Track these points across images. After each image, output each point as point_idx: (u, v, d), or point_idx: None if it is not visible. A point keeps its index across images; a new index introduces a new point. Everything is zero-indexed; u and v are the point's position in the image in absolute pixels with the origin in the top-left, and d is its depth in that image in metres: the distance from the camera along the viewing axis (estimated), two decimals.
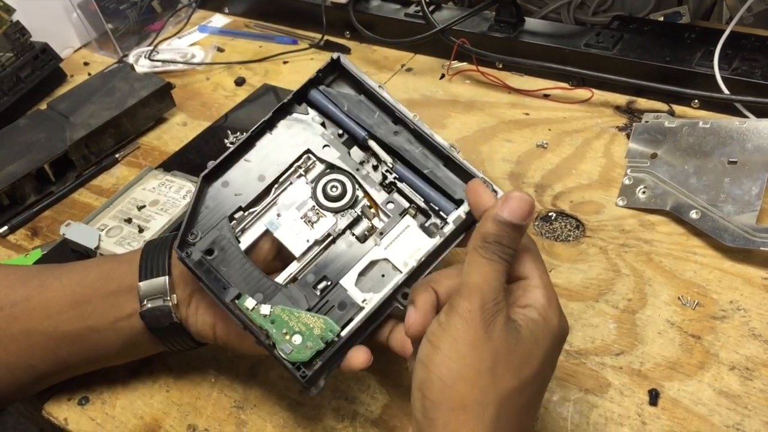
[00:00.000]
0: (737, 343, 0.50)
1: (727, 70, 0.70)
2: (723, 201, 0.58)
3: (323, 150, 0.48)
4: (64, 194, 0.74)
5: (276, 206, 0.47)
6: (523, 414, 0.37)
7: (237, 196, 0.47)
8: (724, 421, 0.45)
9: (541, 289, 0.39)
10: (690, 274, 0.55)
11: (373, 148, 0.47)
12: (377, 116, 0.48)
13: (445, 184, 0.46)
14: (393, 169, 0.47)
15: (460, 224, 0.45)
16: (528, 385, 0.36)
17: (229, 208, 0.47)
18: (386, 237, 0.46)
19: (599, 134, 0.71)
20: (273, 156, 0.48)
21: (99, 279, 0.48)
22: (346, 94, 0.49)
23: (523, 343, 0.37)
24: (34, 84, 0.89)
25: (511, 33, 0.82)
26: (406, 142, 0.47)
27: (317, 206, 0.47)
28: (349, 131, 0.48)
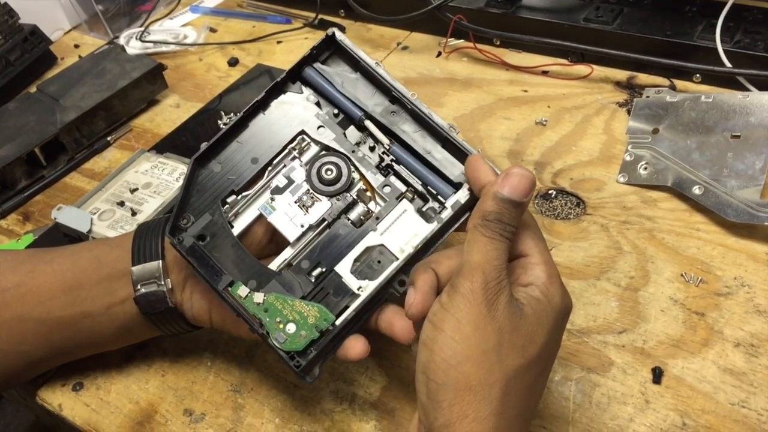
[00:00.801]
0: (742, 319, 0.49)
1: (729, 43, 0.69)
2: (726, 176, 0.57)
3: (318, 131, 0.46)
4: (56, 178, 0.73)
5: (269, 189, 0.46)
6: (529, 392, 0.36)
7: (229, 179, 0.46)
8: (729, 398, 0.45)
9: (542, 266, 0.38)
10: (693, 250, 0.54)
11: (370, 129, 0.46)
12: (374, 95, 0.46)
13: (443, 166, 0.45)
14: (390, 151, 0.46)
15: (459, 209, 0.44)
16: (533, 364, 0.36)
17: (222, 192, 0.45)
18: (382, 222, 0.45)
19: (599, 110, 0.70)
20: (266, 137, 0.46)
21: (91, 264, 0.47)
22: (342, 72, 0.47)
23: (526, 321, 0.36)
24: (23, 67, 0.87)
25: (508, 8, 0.81)
26: (403, 122, 0.46)
27: (312, 190, 0.46)
28: (345, 111, 0.47)
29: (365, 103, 0.46)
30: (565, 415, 0.45)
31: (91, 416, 0.50)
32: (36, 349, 0.48)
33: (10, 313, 0.47)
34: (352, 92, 0.47)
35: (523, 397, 0.36)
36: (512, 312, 0.35)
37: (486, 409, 0.34)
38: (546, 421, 0.45)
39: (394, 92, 0.45)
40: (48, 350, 0.48)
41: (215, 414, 0.49)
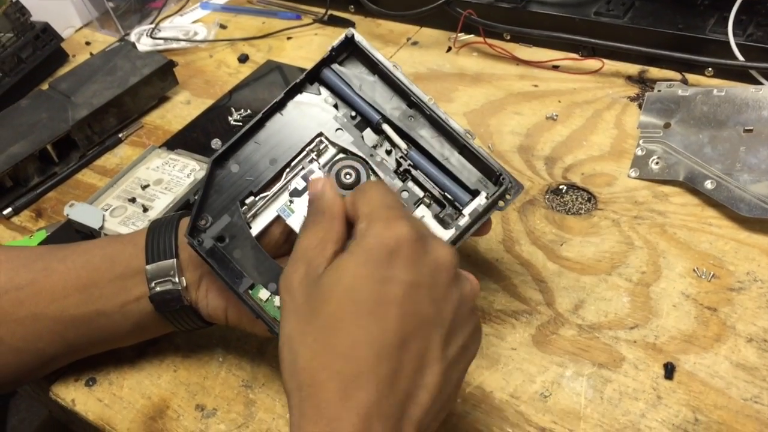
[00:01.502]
0: (754, 314, 0.49)
1: (742, 37, 0.68)
2: (739, 170, 0.56)
3: (336, 133, 0.46)
4: (68, 175, 0.73)
5: (287, 191, 0.46)
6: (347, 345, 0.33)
7: (248, 179, 0.45)
8: (742, 394, 0.44)
9: (361, 223, 0.37)
10: (705, 245, 0.54)
11: (387, 133, 0.46)
12: (392, 99, 0.46)
13: (460, 172, 0.45)
14: (407, 156, 0.46)
15: (477, 217, 0.44)
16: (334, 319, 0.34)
17: (240, 193, 0.45)
18: None
19: (610, 105, 0.70)
20: (284, 138, 0.46)
21: (104, 262, 0.48)
22: (359, 74, 0.47)
23: (320, 286, 0.35)
24: (35, 64, 0.87)
25: (518, 3, 0.80)
26: (421, 127, 0.46)
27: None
28: (363, 113, 0.46)
29: (383, 107, 0.46)
30: (576, 411, 0.45)
31: (104, 411, 0.50)
32: (51, 347, 0.48)
33: (25, 311, 0.47)
34: (369, 95, 0.46)
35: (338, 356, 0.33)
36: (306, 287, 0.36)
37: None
38: (557, 416, 0.45)
39: (413, 97, 0.45)
40: (63, 347, 0.49)
41: (227, 409, 0.49)
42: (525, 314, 0.51)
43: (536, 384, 0.47)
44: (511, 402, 0.46)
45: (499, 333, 0.50)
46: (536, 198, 0.61)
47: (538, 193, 0.61)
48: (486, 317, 0.52)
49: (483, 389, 0.47)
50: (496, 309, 0.52)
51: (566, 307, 0.51)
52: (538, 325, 0.50)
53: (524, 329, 0.50)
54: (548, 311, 0.51)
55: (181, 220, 0.48)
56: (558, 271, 0.54)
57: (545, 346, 0.49)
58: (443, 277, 0.35)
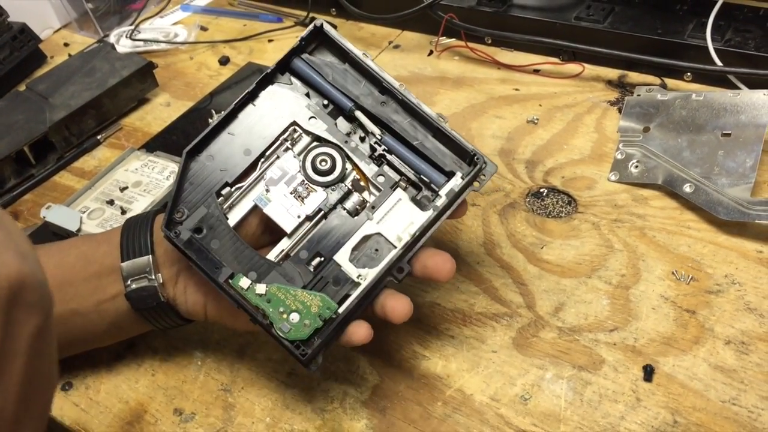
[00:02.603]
0: (732, 317, 0.49)
1: (720, 42, 0.69)
2: (717, 174, 0.57)
3: (309, 122, 0.47)
4: (45, 177, 0.72)
5: (263, 181, 0.46)
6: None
7: (222, 171, 0.45)
8: (720, 395, 0.45)
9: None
10: (684, 248, 0.54)
11: (360, 119, 0.46)
12: (363, 86, 0.47)
13: (434, 155, 0.45)
14: (381, 141, 0.46)
15: (453, 197, 0.44)
16: None
17: (216, 184, 0.45)
18: (378, 211, 0.45)
19: (591, 109, 0.70)
20: (258, 129, 0.46)
21: (78, 260, 0.47)
22: (330, 62, 0.47)
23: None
24: (12, 66, 0.86)
25: (500, 7, 0.80)
26: (393, 112, 0.46)
27: (307, 180, 0.46)
28: (335, 101, 0.47)
29: (355, 94, 0.47)
30: (556, 413, 0.45)
31: (80, 416, 0.49)
32: None
33: None
34: (341, 83, 0.47)
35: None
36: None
37: None
38: (537, 419, 0.45)
39: (384, 83, 0.46)
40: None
41: (205, 413, 0.48)
42: (505, 317, 0.51)
43: (516, 387, 0.47)
44: (492, 405, 0.46)
45: (479, 336, 0.50)
46: (517, 201, 0.61)
47: (518, 196, 0.61)
48: (466, 320, 0.52)
49: (463, 392, 0.47)
50: (476, 312, 0.52)
51: (546, 309, 0.51)
52: (519, 328, 0.51)
53: (505, 332, 0.50)
54: (529, 314, 0.51)
55: (157, 217, 0.48)
56: (538, 274, 0.54)
57: (525, 349, 0.49)
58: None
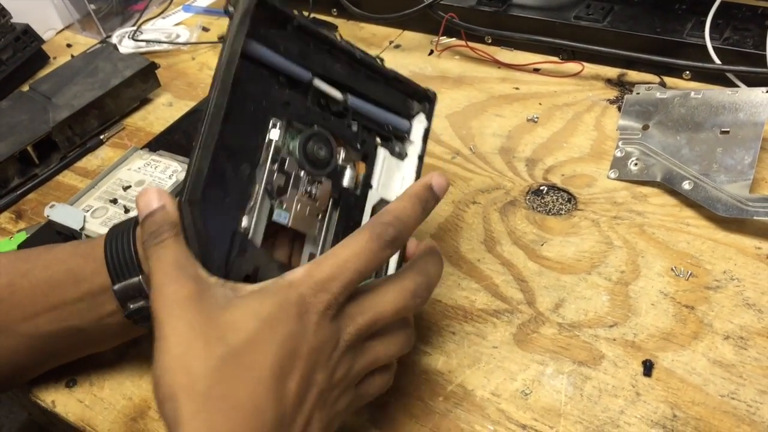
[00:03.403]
0: (731, 312, 0.49)
1: (719, 40, 0.69)
2: (716, 171, 0.57)
3: (284, 108, 0.41)
4: (49, 176, 0.73)
5: (268, 193, 0.40)
6: (248, 378, 0.33)
7: (232, 201, 0.38)
8: (719, 390, 0.45)
9: (309, 264, 0.37)
10: (683, 245, 0.55)
11: (321, 88, 0.42)
12: (310, 49, 0.42)
13: (391, 103, 0.44)
14: (348, 104, 0.43)
15: (425, 138, 0.44)
16: (244, 348, 0.34)
17: (230, 221, 0.38)
18: (374, 177, 0.44)
19: (590, 107, 0.71)
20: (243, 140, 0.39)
21: (68, 278, 0.45)
22: (271, 32, 0.40)
23: (229, 308, 0.35)
24: (15, 66, 0.87)
25: (499, 7, 0.81)
26: (346, 70, 0.43)
27: (310, 174, 0.42)
28: (292, 75, 0.41)
29: (312, 60, 0.42)
30: (556, 408, 0.45)
31: (85, 412, 0.50)
32: (28, 359, 0.48)
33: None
34: (294, 52, 0.41)
35: (238, 382, 0.33)
36: (207, 304, 0.34)
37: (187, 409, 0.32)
38: (537, 414, 0.45)
39: (337, 42, 0.42)
40: (41, 358, 0.48)
41: None
42: (506, 313, 0.52)
43: (517, 382, 0.47)
44: (493, 400, 0.47)
45: (480, 332, 0.51)
46: (517, 199, 0.61)
47: (519, 194, 0.62)
48: (468, 316, 0.52)
49: (464, 387, 0.47)
50: (477, 308, 0.52)
51: (547, 306, 0.52)
52: (519, 324, 0.51)
53: (505, 328, 0.51)
54: (529, 310, 0.52)
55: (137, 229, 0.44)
56: (539, 271, 0.55)
57: (526, 345, 0.50)
58: (338, 350, 0.37)
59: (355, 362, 0.39)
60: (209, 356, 0.33)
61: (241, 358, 0.34)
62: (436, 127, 0.71)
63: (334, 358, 0.37)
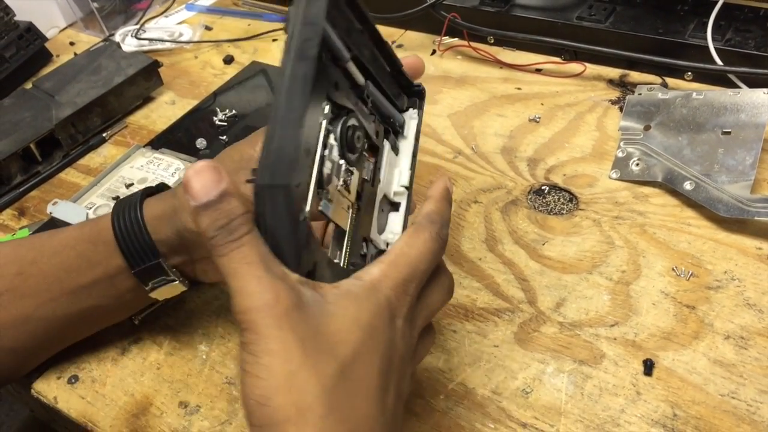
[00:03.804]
0: (732, 312, 0.50)
1: (721, 42, 0.69)
2: (717, 171, 0.57)
3: (333, 90, 0.37)
4: (51, 174, 0.73)
5: (319, 182, 0.36)
6: (359, 395, 0.32)
7: (299, 187, 0.33)
8: (719, 389, 0.45)
9: (382, 265, 0.36)
10: (684, 245, 0.55)
11: (351, 70, 0.38)
12: (354, 25, 0.38)
13: (393, 94, 0.42)
14: (369, 91, 0.40)
15: (417, 134, 0.43)
16: (352, 363, 0.32)
17: (297, 210, 0.33)
18: (382, 170, 0.41)
19: (592, 108, 0.71)
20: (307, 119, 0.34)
21: (80, 264, 0.47)
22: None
23: (330, 319, 0.32)
24: (18, 64, 0.87)
25: (502, 7, 0.81)
26: (370, 53, 0.40)
27: (348, 164, 0.38)
28: (334, 51, 0.37)
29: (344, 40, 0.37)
30: (557, 406, 0.46)
31: (87, 409, 0.50)
32: (47, 341, 0.49)
33: (11, 315, 0.46)
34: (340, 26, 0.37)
35: (352, 401, 0.32)
36: (310, 313, 0.31)
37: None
38: (538, 412, 0.45)
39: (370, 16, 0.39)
40: (59, 338, 0.50)
41: (210, 406, 0.49)
42: (507, 312, 0.52)
43: (518, 380, 0.47)
44: (493, 398, 0.47)
45: (481, 331, 0.51)
46: (519, 198, 0.61)
47: (520, 193, 0.62)
48: (469, 315, 0.52)
49: (465, 386, 0.48)
50: (478, 307, 0.53)
51: (548, 305, 0.52)
52: (521, 323, 0.51)
53: (506, 327, 0.51)
54: (530, 309, 0.52)
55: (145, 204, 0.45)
56: (540, 270, 0.55)
57: (527, 344, 0.50)
58: (408, 355, 0.37)
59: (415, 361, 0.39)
60: (322, 375, 0.30)
61: (351, 374, 0.31)
62: (438, 127, 0.71)
63: (408, 360, 0.37)
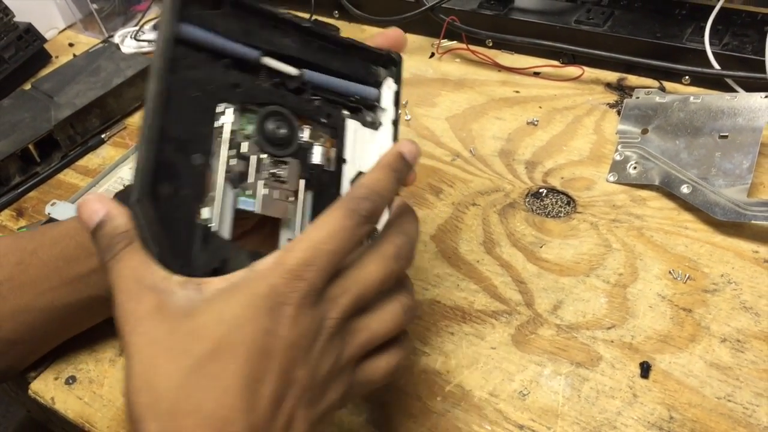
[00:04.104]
0: (728, 315, 0.50)
1: (718, 46, 0.70)
2: (714, 175, 0.57)
3: (233, 91, 0.39)
4: (50, 175, 0.73)
5: (229, 181, 0.38)
6: (216, 388, 0.31)
7: (186, 193, 0.36)
8: (715, 392, 0.45)
9: (281, 251, 0.34)
10: (681, 248, 0.55)
11: (272, 66, 0.40)
12: (253, 25, 0.39)
13: (354, 72, 0.43)
14: (305, 79, 0.41)
15: (396, 102, 0.43)
16: (211, 357, 0.31)
17: (190, 214, 0.36)
18: (347, 151, 0.42)
19: (590, 111, 0.71)
20: (190, 125, 0.37)
21: (80, 254, 0.47)
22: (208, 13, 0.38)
23: (195, 314, 0.32)
24: (17, 65, 0.87)
25: (500, 10, 0.81)
26: (297, 43, 0.41)
27: (274, 156, 0.40)
28: (238, 56, 0.39)
29: (258, 37, 0.39)
30: (554, 409, 0.46)
31: (84, 409, 0.50)
32: (46, 332, 0.49)
33: (10, 305, 0.47)
34: (235, 31, 0.39)
35: (206, 394, 0.31)
36: (173, 314, 0.32)
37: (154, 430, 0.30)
38: (535, 414, 0.46)
39: (281, 14, 0.40)
40: (59, 329, 0.50)
41: None
42: (505, 314, 0.52)
43: (515, 382, 0.48)
44: (491, 400, 0.47)
45: (479, 333, 0.51)
46: (517, 201, 0.61)
47: (518, 196, 0.62)
48: (466, 317, 0.52)
49: (463, 387, 0.48)
50: (476, 309, 0.53)
51: (545, 307, 0.52)
52: (518, 325, 0.51)
53: (504, 329, 0.51)
54: (527, 311, 0.52)
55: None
56: (537, 273, 0.55)
57: (524, 346, 0.50)
58: (321, 340, 0.34)
59: (345, 347, 0.35)
60: (173, 371, 0.31)
61: (207, 369, 0.31)
62: (437, 129, 0.71)
63: (317, 349, 0.34)
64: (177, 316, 0.32)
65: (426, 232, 0.59)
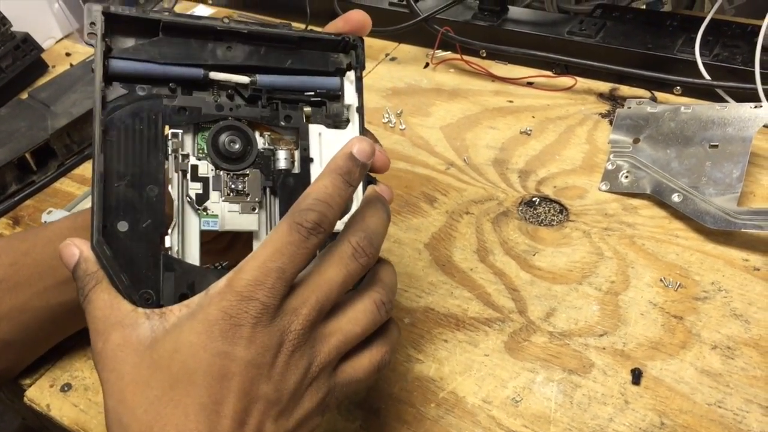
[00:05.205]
0: (719, 323, 0.50)
1: (709, 57, 0.71)
2: (704, 184, 0.58)
3: (180, 115, 0.39)
4: (46, 183, 0.73)
5: (189, 204, 0.39)
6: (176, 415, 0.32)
7: (146, 227, 0.37)
8: (706, 399, 0.46)
9: (232, 272, 0.34)
10: (672, 256, 0.56)
11: (221, 79, 0.40)
12: (193, 44, 0.40)
13: (311, 64, 0.43)
14: (257, 86, 0.41)
15: (359, 90, 0.43)
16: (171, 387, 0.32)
17: (153, 245, 0.37)
18: (312, 152, 0.42)
19: (582, 121, 0.72)
20: (137, 160, 0.37)
21: None
22: (141, 43, 0.39)
23: (156, 346, 0.33)
24: (14, 74, 0.87)
25: (494, 21, 0.82)
26: (243, 51, 0.41)
27: (232, 172, 0.40)
28: (183, 78, 0.39)
29: (197, 58, 0.40)
30: (546, 415, 0.46)
31: (80, 416, 0.50)
32: (41, 332, 0.49)
33: (6, 306, 0.47)
34: (172, 55, 0.39)
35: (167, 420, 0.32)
36: (138, 348, 0.33)
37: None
38: (528, 421, 0.46)
39: (218, 27, 0.40)
40: (55, 330, 0.50)
41: None
42: (498, 322, 0.53)
43: (508, 389, 0.48)
44: (484, 407, 0.47)
45: (472, 340, 0.51)
46: (510, 210, 0.62)
47: (511, 204, 0.63)
48: (460, 325, 0.53)
49: (456, 394, 0.48)
50: (469, 317, 0.53)
51: (538, 315, 0.53)
52: (511, 333, 0.52)
53: (497, 336, 0.51)
54: (520, 319, 0.53)
55: None
56: (530, 281, 0.55)
57: (517, 353, 0.50)
58: (284, 353, 0.34)
59: (316, 354, 0.35)
60: (139, 403, 0.32)
61: (168, 397, 0.32)
62: (431, 139, 0.72)
63: (280, 363, 0.34)
64: (141, 349, 0.33)
65: (420, 241, 0.60)
